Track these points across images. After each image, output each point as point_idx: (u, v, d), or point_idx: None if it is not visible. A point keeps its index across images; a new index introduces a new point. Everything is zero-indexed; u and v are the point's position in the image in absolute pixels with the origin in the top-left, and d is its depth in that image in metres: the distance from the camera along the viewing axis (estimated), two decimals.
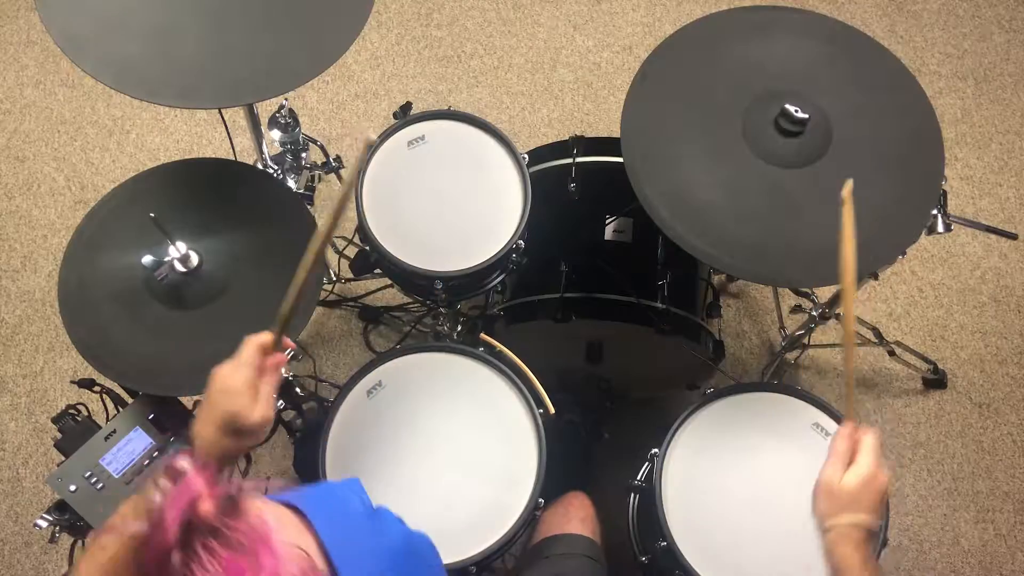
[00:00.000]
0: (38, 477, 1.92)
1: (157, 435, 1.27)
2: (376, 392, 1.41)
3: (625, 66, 2.44)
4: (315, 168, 1.81)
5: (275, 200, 1.36)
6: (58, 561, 1.85)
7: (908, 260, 2.19)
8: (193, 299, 1.23)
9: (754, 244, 1.26)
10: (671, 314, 1.56)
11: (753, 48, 1.39)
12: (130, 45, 1.22)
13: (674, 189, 1.29)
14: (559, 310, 1.56)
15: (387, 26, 2.48)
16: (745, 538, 1.33)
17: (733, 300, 2.15)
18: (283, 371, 1.64)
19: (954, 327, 2.12)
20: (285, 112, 1.69)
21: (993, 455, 1.98)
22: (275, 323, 0.95)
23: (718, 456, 1.39)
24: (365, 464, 1.35)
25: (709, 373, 1.74)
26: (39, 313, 2.09)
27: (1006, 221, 2.24)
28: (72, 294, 1.25)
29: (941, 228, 1.39)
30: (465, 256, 1.45)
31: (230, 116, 2.01)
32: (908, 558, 1.88)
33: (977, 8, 2.55)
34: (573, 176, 1.61)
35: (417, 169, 1.52)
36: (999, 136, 2.35)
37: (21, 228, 2.19)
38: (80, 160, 2.27)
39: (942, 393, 2.04)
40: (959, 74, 2.44)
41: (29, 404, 2.00)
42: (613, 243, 1.63)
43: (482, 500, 1.33)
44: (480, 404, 1.40)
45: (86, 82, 2.36)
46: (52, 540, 1.24)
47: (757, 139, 1.30)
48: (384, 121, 2.31)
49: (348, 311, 2.11)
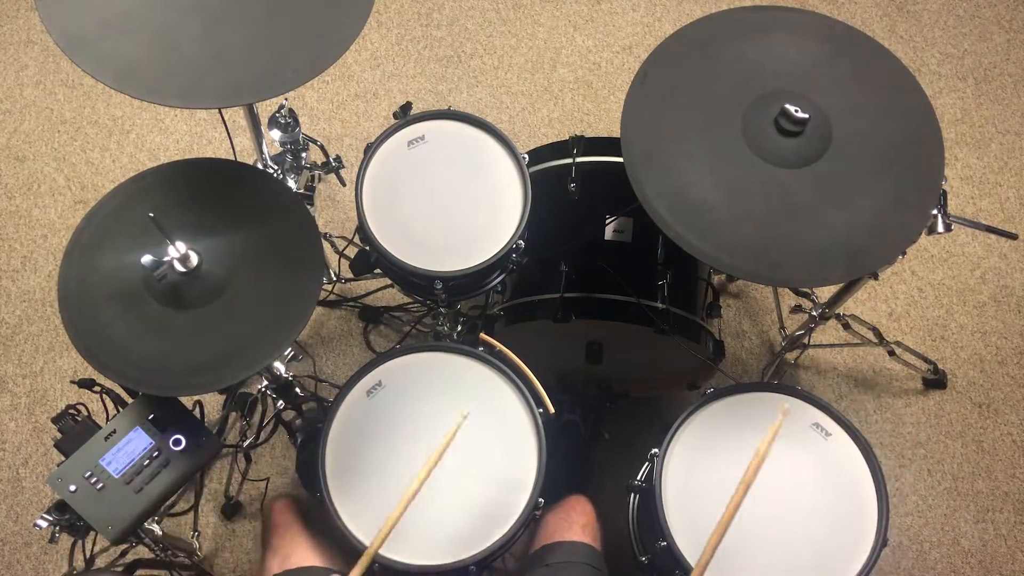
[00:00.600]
0: (38, 477, 1.92)
1: (157, 435, 1.27)
2: (376, 392, 1.41)
3: (625, 66, 2.44)
4: (315, 168, 1.81)
5: (275, 200, 1.36)
6: (58, 561, 1.86)
7: (908, 260, 2.19)
8: (193, 299, 1.23)
9: (754, 244, 1.26)
10: (671, 314, 1.56)
11: (753, 48, 1.39)
12: (130, 45, 1.22)
13: (674, 189, 1.29)
14: (559, 310, 1.56)
15: (387, 26, 2.48)
16: (745, 538, 1.33)
17: (733, 300, 2.15)
18: (283, 371, 1.65)
19: (954, 327, 2.12)
20: (285, 112, 1.69)
21: (993, 455, 1.98)
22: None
23: (718, 456, 1.39)
24: (365, 464, 1.35)
25: (709, 373, 1.74)
26: (39, 313, 2.09)
27: (1006, 221, 2.24)
28: (72, 294, 1.25)
29: (941, 228, 1.38)
30: (465, 256, 1.45)
31: (230, 116, 2.01)
32: (908, 558, 1.88)
33: (977, 8, 2.55)
34: (573, 176, 1.61)
35: (417, 169, 1.53)
36: (999, 136, 2.35)
37: (21, 228, 2.19)
38: (80, 160, 2.27)
39: (942, 393, 2.04)
40: (959, 74, 2.44)
41: (29, 404, 2.00)
42: (613, 243, 1.63)
43: (482, 500, 1.33)
44: (480, 404, 1.40)
45: (86, 82, 2.36)
46: (52, 540, 1.24)
47: (757, 139, 1.31)
48: (384, 121, 2.31)
49: (348, 311, 2.11)
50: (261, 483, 1.92)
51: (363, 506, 1.32)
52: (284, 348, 1.24)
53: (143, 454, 1.25)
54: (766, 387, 1.46)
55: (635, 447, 1.49)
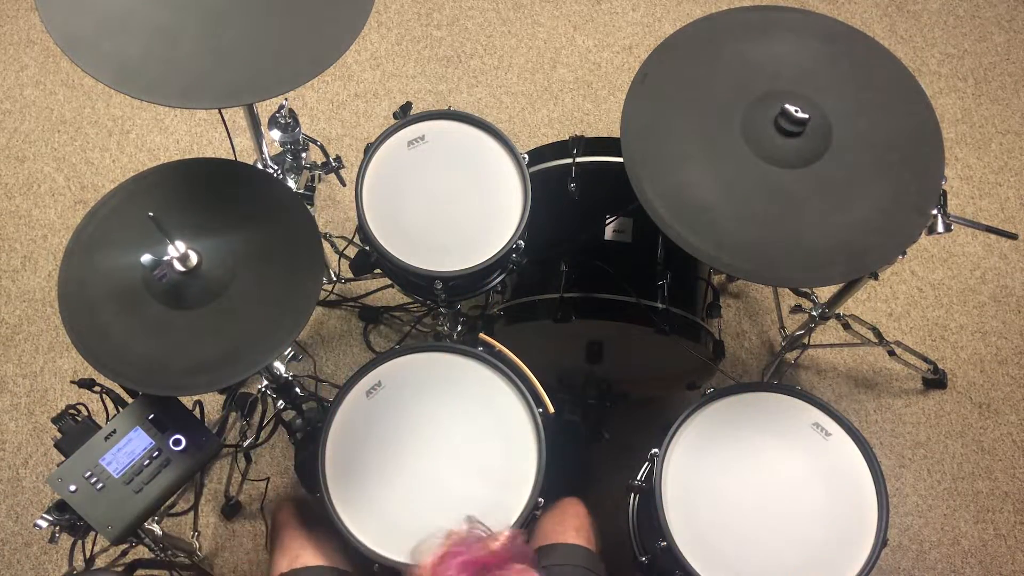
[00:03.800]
0: (38, 477, 1.92)
1: (157, 435, 1.27)
2: (376, 392, 1.41)
3: (625, 66, 2.44)
4: (315, 168, 1.81)
5: (274, 200, 1.36)
6: (58, 561, 1.86)
7: (908, 260, 2.19)
8: (193, 299, 1.23)
9: (754, 244, 1.26)
10: (671, 314, 1.56)
11: (753, 48, 1.38)
12: (130, 45, 1.22)
13: (674, 189, 1.29)
14: (559, 310, 1.56)
15: (387, 26, 2.48)
16: (745, 538, 1.33)
17: (733, 300, 2.15)
18: (283, 371, 1.65)
19: (954, 327, 2.12)
20: (285, 112, 1.69)
21: (993, 455, 1.98)
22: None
23: (718, 456, 1.39)
24: (365, 464, 1.35)
25: (709, 373, 1.74)
26: (39, 313, 2.09)
27: (1006, 221, 2.24)
28: (72, 294, 1.24)
29: (941, 228, 1.39)
30: (465, 256, 1.45)
31: (230, 116, 2.01)
32: (908, 558, 1.88)
33: (977, 8, 2.55)
34: (573, 176, 1.61)
35: (417, 169, 1.53)
36: (999, 136, 2.35)
37: (21, 228, 2.19)
38: (80, 160, 2.27)
39: (942, 393, 2.04)
40: (959, 74, 2.44)
41: (29, 404, 2.00)
42: (613, 243, 1.63)
43: (482, 500, 1.33)
44: (480, 404, 1.40)
45: (86, 82, 2.36)
46: (52, 540, 1.24)
47: (757, 139, 1.30)
48: (384, 121, 2.31)
49: (348, 311, 2.11)
50: (261, 483, 1.92)
51: (363, 506, 1.32)
52: (284, 348, 1.24)
53: (143, 454, 1.25)
54: (766, 387, 1.46)
55: (635, 447, 1.49)
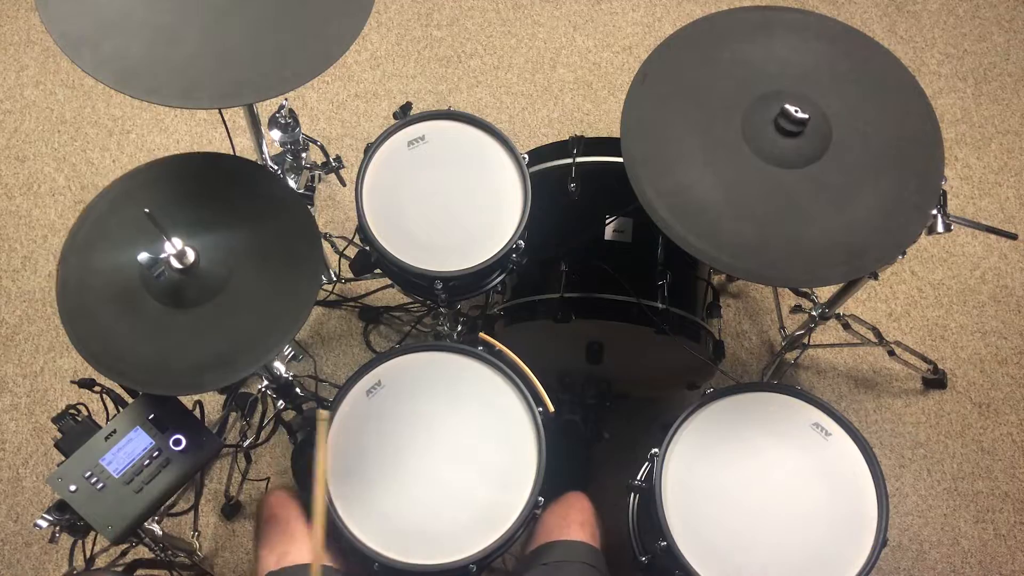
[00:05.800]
0: (38, 477, 1.92)
1: (157, 435, 1.27)
2: (376, 392, 1.41)
3: (625, 66, 2.44)
4: (315, 168, 1.81)
5: (273, 195, 1.35)
6: (58, 561, 1.86)
7: (908, 260, 2.19)
8: (191, 297, 1.23)
9: (754, 244, 1.26)
10: (671, 314, 1.56)
11: (753, 48, 1.38)
12: (130, 45, 1.22)
13: (674, 189, 1.29)
14: (559, 310, 1.56)
15: (387, 26, 2.48)
16: (745, 538, 1.33)
17: (733, 300, 2.15)
18: (283, 371, 1.65)
19: (954, 327, 2.12)
20: (285, 112, 1.69)
21: (993, 455, 1.98)
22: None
23: (718, 456, 1.39)
24: (365, 464, 1.35)
25: (709, 373, 1.74)
26: (39, 313, 2.09)
27: (1006, 221, 2.24)
28: (71, 293, 1.24)
29: (941, 228, 1.39)
30: (465, 256, 1.45)
31: (230, 116, 2.01)
32: (908, 558, 1.88)
33: (977, 8, 2.55)
34: (573, 176, 1.61)
35: (417, 169, 1.53)
36: (999, 136, 2.35)
37: (21, 228, 2.19)
38: (80, 160, 2.27)
39: (942, 393, 2.04)
40: (959, 74, 2.44)
41: (29, 404, 2.00)
42: (613, 243, 1.63)
43: (482, 499, 1.33)
44: (480, 403, 1.40)
45: (86, 82, 2.36)
46: (52, 540, 1.24)
47: (757, 139, 1.30)
48: (384, 121, 2.31)
49: (348, 311, 2.11)
50: (261, 483, 1.92)
51: (363, 505, 1.32)
52: (283, 347, 1.24)
53: (143, 454, 1.25)
54: (766, 387, 1.46)
55: (635, 447, 1.49)
